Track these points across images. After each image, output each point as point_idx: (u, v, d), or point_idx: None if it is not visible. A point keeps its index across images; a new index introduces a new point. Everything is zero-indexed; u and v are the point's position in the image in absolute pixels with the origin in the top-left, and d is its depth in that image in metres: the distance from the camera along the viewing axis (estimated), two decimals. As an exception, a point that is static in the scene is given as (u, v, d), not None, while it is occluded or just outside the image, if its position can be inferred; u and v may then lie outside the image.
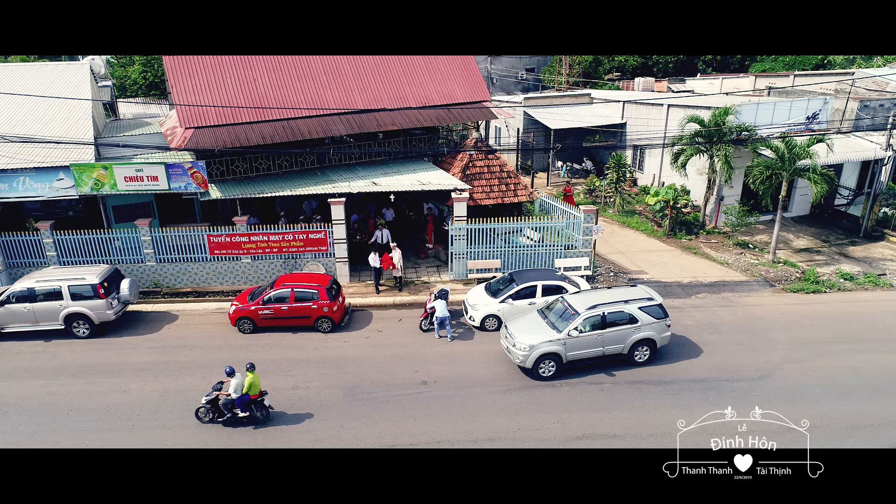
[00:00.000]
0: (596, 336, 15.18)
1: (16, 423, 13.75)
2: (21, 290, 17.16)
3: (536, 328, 15.38)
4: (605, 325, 15.25)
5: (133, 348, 17.16)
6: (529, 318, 16.13)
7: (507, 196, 21.94)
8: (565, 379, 15.29)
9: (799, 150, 20.66)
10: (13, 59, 38.60)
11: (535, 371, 15.07)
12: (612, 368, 15.73)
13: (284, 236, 19.99)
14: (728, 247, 24.02)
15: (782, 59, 50.59)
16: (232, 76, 20.70)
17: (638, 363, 15.78)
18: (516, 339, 15.12)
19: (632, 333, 15.45)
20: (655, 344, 15.76)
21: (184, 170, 19.13)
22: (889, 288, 20.79)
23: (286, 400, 14.46)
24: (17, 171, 18.69)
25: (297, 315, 17.56)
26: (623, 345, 15.51)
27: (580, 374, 15.48)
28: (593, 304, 15.38)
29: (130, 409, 14.28)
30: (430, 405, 14.30)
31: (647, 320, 15.50)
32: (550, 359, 15.01)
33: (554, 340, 14.91)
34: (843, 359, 16.44)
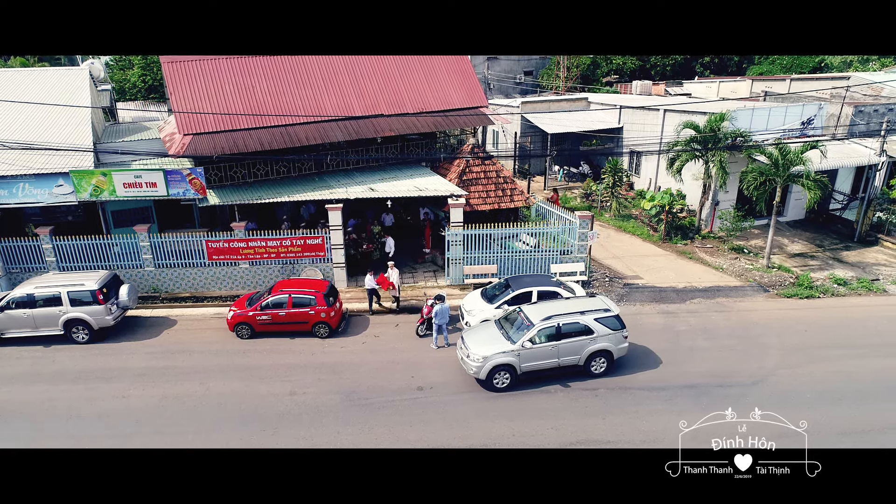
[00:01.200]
0: (551, 347, 15.10)
1: (16, 428, 13.89)
2: (21, 295, 17.30)
3: (491, 339, 15.31)
4: (561, 336, 15.15)
5: (132, 354, 17.30)
6: (486, 329, 16.10)
7: (504, 201, 22.10)
8: (555, 384, 15.43)
9: (792, 157, 20.83)
10: (13, 63, 38.78)
11: (490, 382, 14.97)
12: (606, 376, 15.87)
13: (282, 242, 20.15)
14: (723, 251, 24.19)
15: (780, 61, 50.78)
16: (230, 83, 20.85)
17: (595, 375, 15.63)
18: (470, 351, 15.04)
19: (588, 344, 15.35)
20: (612, 355, 15.63)
21: (182, 176, 19.27)
22: (882, 293, 20.96)
23: (284, 406, 14.61)
24: (17, 177, 18.83)
25: (294, 321, 17.71)
26: (579, 356, 15.40)
27: (575, 380, 15.63)
28: (548, 315, 15.30)
29: (129, 415, 14.42)
30: (426, 411, 14.45)
31: (604, 331, 15.40)
32: (504, 370, 14.92)
33: (507, 352, 14.85)
34: (836, 364, 16.60)
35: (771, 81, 39.25)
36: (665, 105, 29.15)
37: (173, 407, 14.70)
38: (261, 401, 14.87)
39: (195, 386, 15.59)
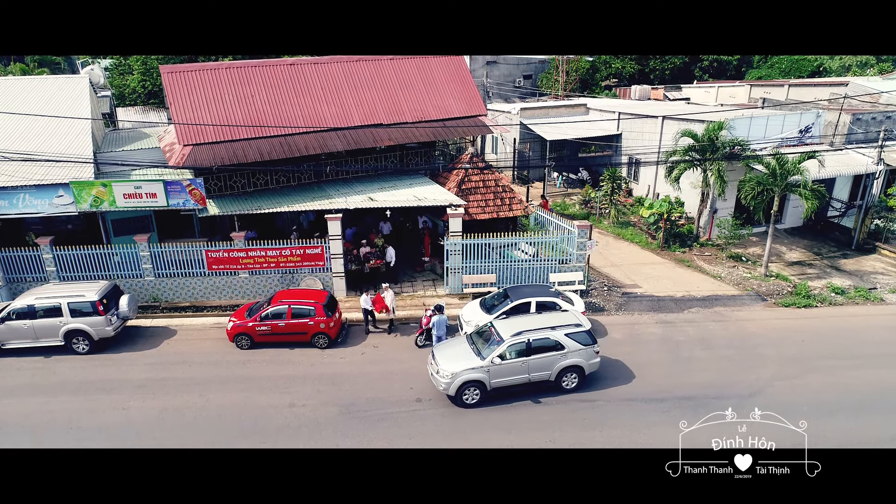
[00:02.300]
0: (521, 363, 15.01)
1: (17, 440, 13.96)
2: (21, 306, 17.37)
3: (461, 355, 15.24)
4: (531, 351, 15.05)
5: (132, 364, 17.37)
6: (457, 344, 16.03)
7: (503, 210, 22.18)
8: (557, 395, 15.51)
9: (790, 167, 20.93)
10: (13, 69, 38.83)
11: (460, 398, 14.92)
12: (604, 387, 15.95)
13: (281, 251, 20.22)
14: (721, 259, 24.27)
15: (778, 65, 50.94)
16: (230, 93, 20.92)
17: (566, 390, 15.54)
18: (440, 367, 14.96)
19: (558, 360, 15.24)
20: (584, 371, 15.52)
21: (182, 187, 19.34)
22: (879, 302, 21.04)
23: (283, 418, 14.68)
24: (18, 188, 18.89)
25: (294, 331, 17.78)
26: (550, 371, 15.30)
27: (572, 392, 15.69)
28: (518, 330, 15.24)
29: (130, 426, 14.50)
30: (425, 423, 14.53)
31: (575, 347, 15.29)
32: (474, 386, 14.85)
33: (477, 368, 14.77)
34: (832, 375, 16.68)
35: (769, 87, 39.35)
36: (663, 113, 29.22)
37: (173, 419, 14.77)
38: (260, 413, 14.94)
39: (195, 398, 15.66)
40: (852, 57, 49.14)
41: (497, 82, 47.67)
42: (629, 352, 17.91)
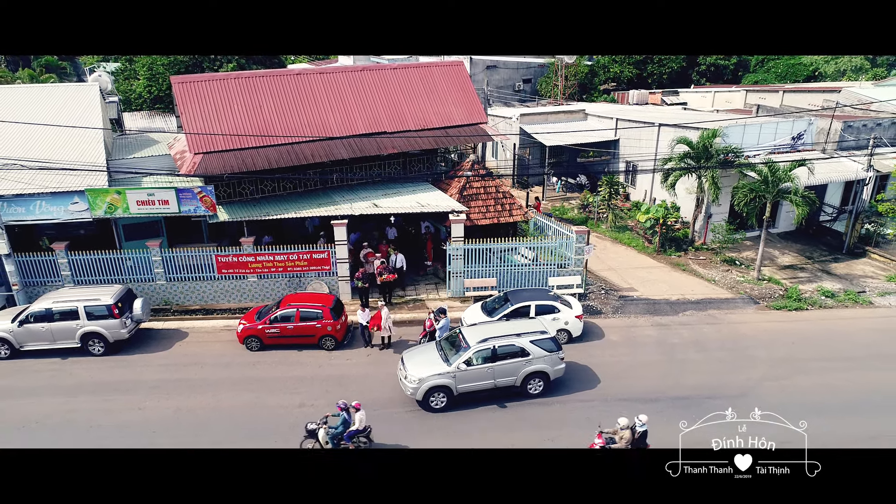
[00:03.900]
0: (487, 369, 15.48)
1: (40, 440, 14.57)
2: (39, 310, 18.01)
3: (429, 361, 15.69)
4: (496, 358, 15.52)
5: (146, 366, 18.02)
6: (426, 350, 16.46)
7: (503, 216, 22.85)
8: (553, 396, 16.16)
9: (781, 174, 21.60)
10: (21, 74, 39.41)
11: (427, 403, 15.38)
12: (601, 387, 16.62)
13: (289, 256, 20.88)
14: (715, 263, 24.95)
15: (774, 69, 51.59)
16: (238, 102, 21.57)
17: (532, 395, 16.01)
18: (407, 372, 15.44)
19: (523, 366, 15.70)
20: (549, 376, 15.97)
21: (193, 194, 20.00)
22: (868, 305, 21.72)
23: (294, 418, 15.31)
24: (35, 195, 19.53)
25: (302, 334, 18.43)
26: (515, 377, 15.77)
27: (566, 392, 16.33)
28: (484, 337, 15.74)
29: (146, 425, 15.14)
30: (429, 423, 15.18)
31: (539, 353, 15.74)
32: (440, 391, 15.34)
33: (443, 373, 15.23)
34: (821, 377, 17.34)
35: (764, 92, 40.03)
36: (660, 118, 29.88)
37: (188, 419, 15.42)
38: (271, 412, 15.60)
39: (208, 398, 16.31)
40: (847, 61, 49.84)
41: (497, 87, 48.28)
42: (625, 353, 18.60)
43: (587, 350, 18.67)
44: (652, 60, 50.71)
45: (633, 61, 50.74)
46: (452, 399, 15.56)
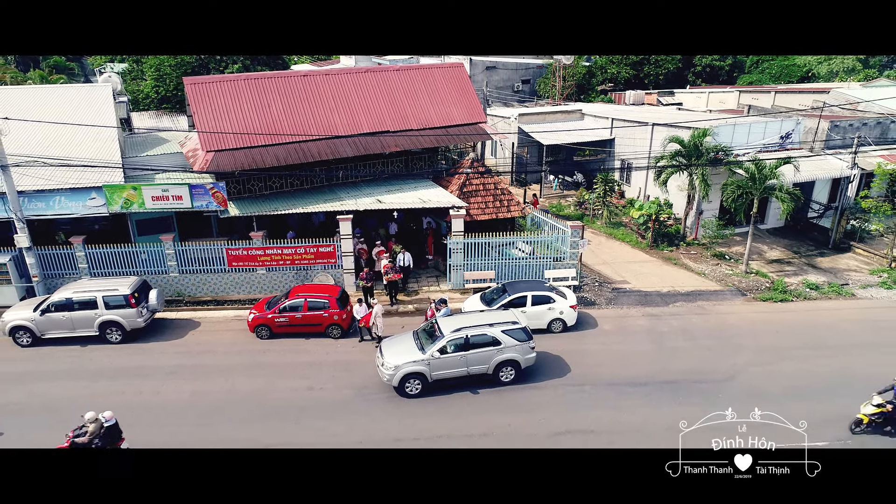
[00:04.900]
0: (459, 357, 16.23)
1: (67, 420, 15.29)
2: (60, 300, 18.93)
3: (405, 349, 16.47)
4: (469, 346, 16.26)
5: (162, 353, 18.95)
6: (403, 340, 17.19)
7: (501, 212, 23.80)
8: (549, 380, 17.12)
9: (767, 172, 22.55)
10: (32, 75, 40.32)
11: (402, 389, 16.14)
12: (594, 372, 17.57)
13: (296, 249, 21.83)
14: (706, 258, 25.91)
15: (769, 70, 52.57)
16: (248, 103, 22.52)
17: (503, 383, 16.72)
18: (384, 360, 16.22)
19: (495, 355, 16.44)
20: (520, 365, 16.69)
21: (205, 190, 20.95)
22: (851, 297, 22.67)
23: (304, 400, 16.28)
24: (54, 191, 20.46)
25: (309, 323, 19.37)
26: (487, 365, 16.52)
27: (560, 377, 17.28)
28: (458, 327, 16.48)
29: (165, 407, 16.07)
30: (431, 405, 16.13)
31: (511, 343, 16.46)
32: (415, 378, 16.12)
33: (418, 361, 16.01)
34: (803, 363, 18.29)
35: (757, 93, 40.99)
36: (654, 118, 30.84)
37: (204, 401, 16.34)
38: (282, 395, 16.55)
39: (221, 382, 17.24)
40: (840, 62, 50.85)
41: (496, 87, 49.23)
42: (616, 341, 19.56)
43: (581, 338, 19.64)
44: (648, 61, 51.71)
45: (630, 62, 51.74)
46: (427, 385, 16.34)
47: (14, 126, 19.40)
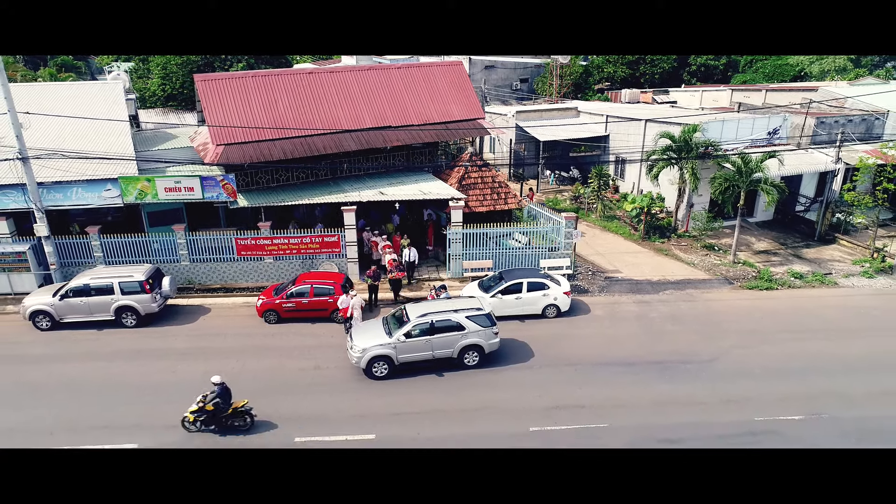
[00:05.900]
0: (425, 341, 16.91)
1: (89, 397, 16.41)
2: (78, 285, 19.89)
3: (374, 334, 17.17)
4: (434, 331, 16.92)
5: (175, 336, 19.91)
6: (373, 325, 17.92)
7: (499, 204, 24.78)
8: (545, 361, 18.10)
9: (753, 165, 23.54)
10: (42, 73, 41.24)
11: (370, 371, 16.83)
12: (587, 353, 18.54)
13: (302, 239, 22.80)
14: (696, 249, 26.90)
15: (762, 69, 53.55)
16: (256, 99, 23.49)
17: (468, 366, 17.41)
18: (353, 343, 16.98)
19: (459, 339, 17.11)
20: (483, 349, 17.40)
21: (216, 181, 21.91)
22: (833, 286, 23.68)
23: (311, 378, 17.26)
24: (72, 182, 21.43)
25: (315, 308, 20.34)
26: (452, 349, 17.19)
27: (554, 358, 18.26)
28: (424, 312, 17.19)
29: (180, 386, 16.96)
30: (429, 383, 17.11)
31: (474, 328, 17.14)
32: (382, 360, 16.80)
33: (385, 344, 16.72)
34: (784, 346, 19.28)
35: (749, 91, 41.98)
36: (648, 116, 31.84)
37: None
38: (291, 374, 17.52)
39: (233, 363, 18.19)
40: (832, 62, 51.84)
41: (495, 86, 50.23)
42: (608, 326, 20.54)
43: (574, 323, 20.63)
44: (644, 61, 52.70)
45: (626, 61, 52.73)
46: (394, 368, 17.06)
47: (32, 120, 20.36)
